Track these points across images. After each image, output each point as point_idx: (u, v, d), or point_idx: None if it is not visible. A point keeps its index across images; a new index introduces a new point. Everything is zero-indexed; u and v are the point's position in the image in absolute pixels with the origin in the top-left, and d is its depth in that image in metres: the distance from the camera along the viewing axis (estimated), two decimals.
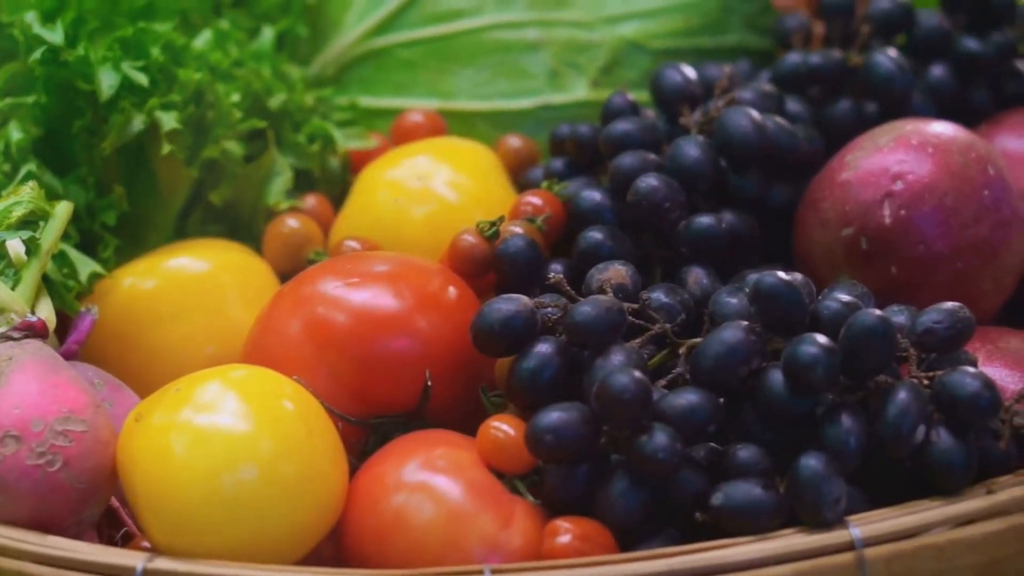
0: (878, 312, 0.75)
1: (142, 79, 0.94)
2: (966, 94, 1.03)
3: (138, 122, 0.94)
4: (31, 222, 0.86)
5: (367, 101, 1.11)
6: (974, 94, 1.03)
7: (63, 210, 0.88)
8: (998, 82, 1.05)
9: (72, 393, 0.77)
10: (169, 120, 0.94)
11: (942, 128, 0.91)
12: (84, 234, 0.97)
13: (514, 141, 1.06)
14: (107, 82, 0.93)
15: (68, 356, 0.86)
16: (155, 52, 0.97)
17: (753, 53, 1.15)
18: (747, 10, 1.15)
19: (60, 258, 0.92)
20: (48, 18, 0.98)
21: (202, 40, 1.05)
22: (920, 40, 1.03)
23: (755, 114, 0.92)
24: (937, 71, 1.02)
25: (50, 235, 0.86)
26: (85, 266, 0.92)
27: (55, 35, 0.95)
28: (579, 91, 1.10)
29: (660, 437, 0.73)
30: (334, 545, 0.80)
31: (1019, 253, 0.89)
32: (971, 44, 1.03)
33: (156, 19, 1.08)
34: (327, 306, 0.85)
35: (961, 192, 0.87)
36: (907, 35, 1.04)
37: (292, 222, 0.99)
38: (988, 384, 0.74)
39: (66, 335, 0.89)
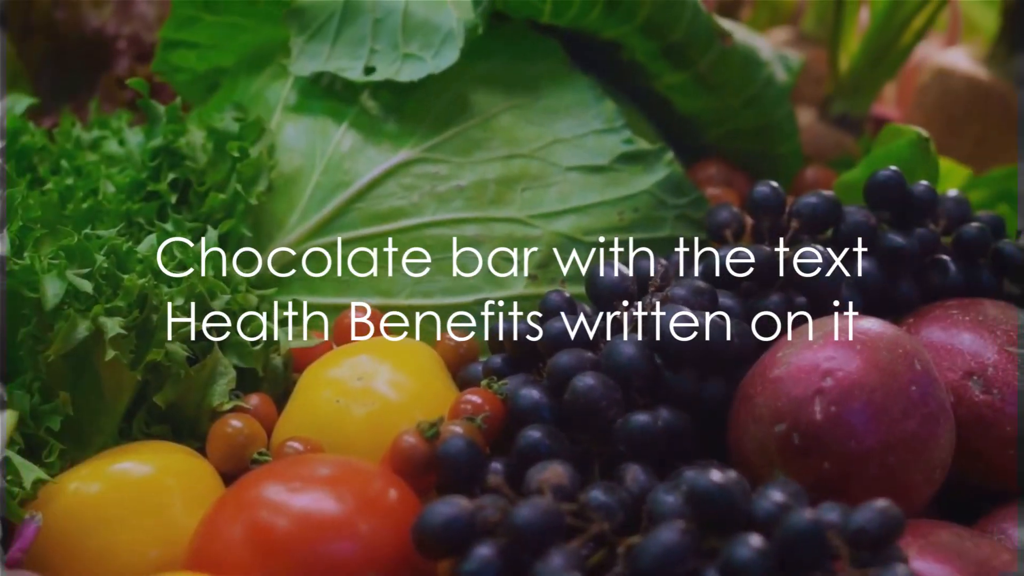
0: (810, 514, 0.76)
1: (86, 286, 0.96)
2: (892, 286, 1.06)
3: (83, 328, 0.95)
4: None
5: (309, 300, 1.13)
6: (900, 286, 1.06)
7: (8, 420, 0.88)
8: (924, 274, 1.08)
9: None
10: (113, 326, 0.95)
11: (869, 324, 0.93)
12: (28, 439, 0.97)
13: (454, 338, 1.08)
14: (52, 291, 0.94)
15: (12, 564, 0.86)
16: (99, 259, 0.98)
17: (687, 244, 1.18)
18: (680, 204, 1.18)
19: (5, 465, 0.92)
20: None
21: (146, 244, 1.06)
22: (847, 234, 1.06)
23: (687, 312, 0.94)
24: (864, 264, 1.05)
25: None
26: (30, 472, 0.92)
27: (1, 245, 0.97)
28: (517, 286, 1.12)
29: None
30: None
31: (947, 446, 0.91)
32: (896, 239, 1.06)
33: (102, 223, 1.10)
34: (269, 511, 0.85)
35: (889, 388, 0.89)
36: (834, 229, 1.07)
37: (235, 423, 1.00)
38: None
39: (11, 542, 0.89)
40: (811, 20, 1.73)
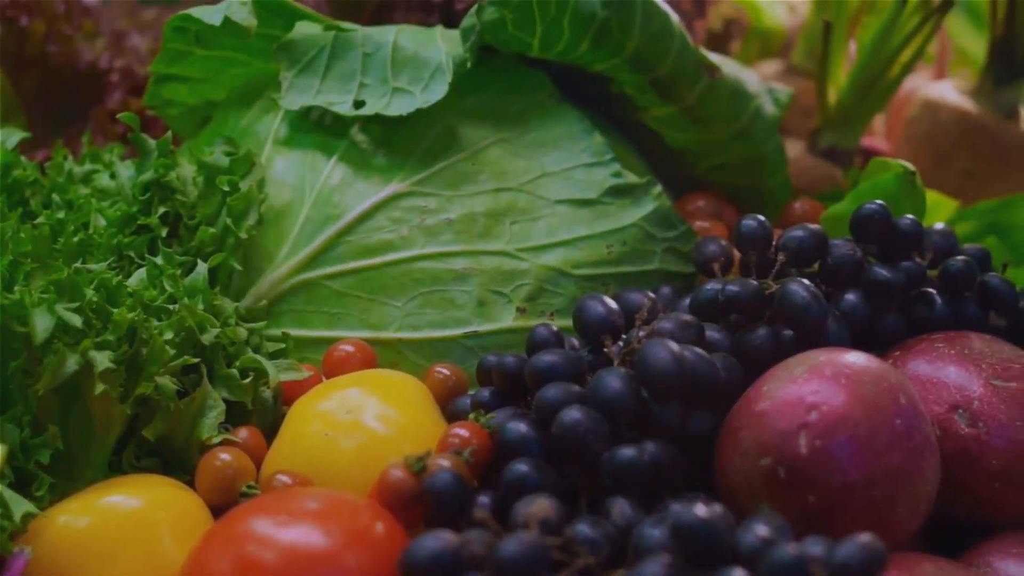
0: (794, 548, 0.77)
1: (76, 320, 0.96)
2: (879, 319, 1.06)
3: (72, 363, 0.95)
4: None
5: (299, 333, 1.13)
6: (886, 319, 1.07)
7: None
8: (910, 307, 1.09)
9: None
10: (103, 360, 0.96)
11: (854, 358, 0.93)
12: (18, 472, 0.97)
13: (443, 371, 1.08)
14: (41, 325, 0.95)
15: None
16: (89, 293, 0.99)
17: (675, 276, 1.19)
18: (668, 237, 1.19)
19: None
20: None
21: (136, 278, 1.07)
22: (833, 268, 1.07)
23: (674, 346, 0.94)
24: (850, 297, 1.05)
25: None
26: (19, 506, 0.92)
27: None
28: (506, 319, 1.13)
29: None
30: None
31: (932, 480, 0.91)
32: (882, 272, 1.06)
33: (93, 257, 1.11)
34: (257, 545, 0.85)
35: (874, 422, 0.89)
36: (821, 263, 1.08)
37: (225, 456, 1.01)
38: None
39: None
40: (801, 52, 1.74)
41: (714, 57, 1.29)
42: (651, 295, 1.08)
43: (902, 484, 0.89)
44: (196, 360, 1.04)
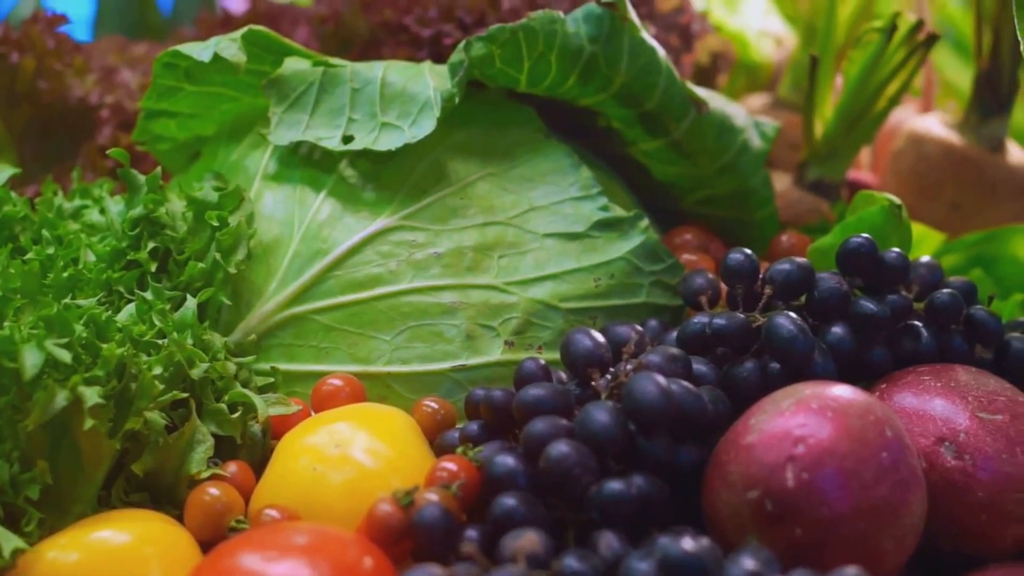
0: None
1: (65, 356, 0.96)
2: (865, 352, 1.07)
3: (61, 398, 0.95)
4: None
5: (288, 367, 1.14)
6: (873, 352, 1.07)
7: None
8: (896, 340, 1.09)
9: None
10: (92, 395, 0.96)
11: (841, 391, 0.94)
12: (7, 507, 0.97)
13: (431, 404, 1.09)
14: (31, 361, 0.95)
15: None
16: (78, 328, 0.99)
17: (663, 309, 1.19)
18: (655, 270, 1.19)
19: None
20: None
21: (125, 313, 1.07)
22: (820, 301, 1.07)
23: (661, 379, 0.95)
24: (836, 330, 1.06)
25: None
26: (9, 542, 0.92)
27: None
28: (494, 353, 1.13)
29: None
30: None
31: (919, 512, 0.92)
32: (868, 305, 1.07)
33: (82, 292, 1.11)
34: None
35: (860, 455, 0.90)
36: (808, 296, 1.08)
37: (213, 491, 1.01)
38: None
39: None
40: (788, 86, 1.75)
41: (701, 91, 1.30)
42: (638, 328, 1.08)
43: (889, 517, 0.90)
44: (185, 395, 1.04)
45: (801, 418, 0.91)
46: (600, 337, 1.03)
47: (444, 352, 1.13)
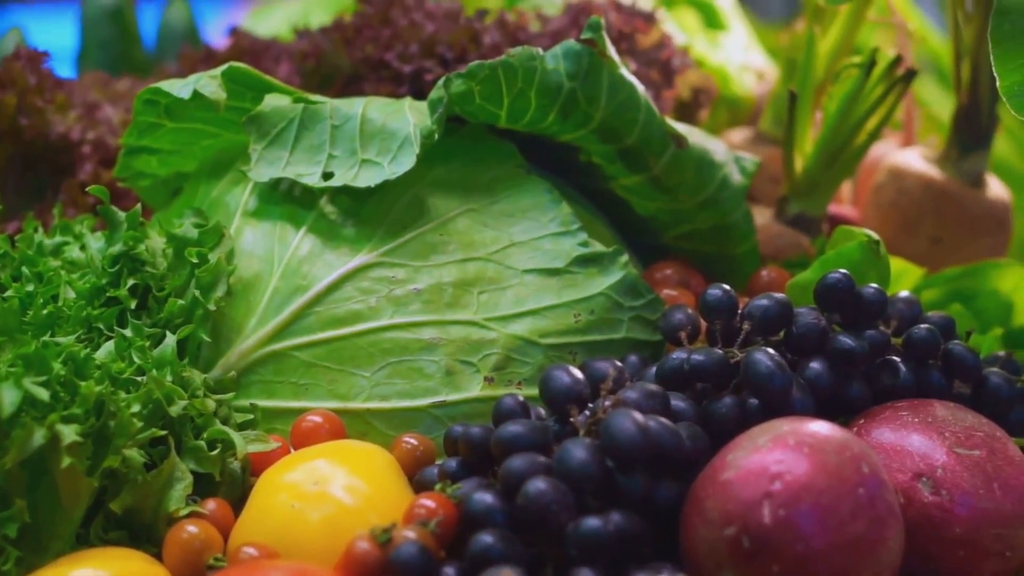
0: None
1: (43, 394, 0.96)
2: (843, 388, 1.07)
3: (39, 436, 0.95)
4: None
5: (267, 403, 1.14)
6: (851, 388, 1.08)
7: None
8: (874, 376, 1.09)
9: None
10: (70, 433, 0.96)
11: (817, 427, 0.94)
12: None
13: (410, 441, 1.09)
14: (8, 399, 0.95)
15: None
16: (57, 366, 0.99)
17: (642, 345, 1.20)
18: (635, 305, 1.20)
19: None
20: None
21: (104, 351, 1.07)
22: (798, 337, 1.07)
23: (639, 416, 0.95)
24: (815, 366, 1.06)
25: None
26: None
27: None
28: (473, 389, 1.13)
29: None
30: None
31: (896, 548, 0.92)
32: (846, 341, 1.07)
33: (62, 329, 1.11)
34: None
35: (837, 491, 0.90)
36: (786, 331, 1.08)
37: (192, 528, 1.01)
38: None
39: None
40: (769, 120, 1.76)
41: (681, 127, 1.30)
42: (618, 364, 1.08)
43: (866, 553, 0.90)
44: (164, 432, 1.04)
45: (778, 454, 0.92)
46: (578, 373, 1.03)
47: (424, 388, 1.13)
